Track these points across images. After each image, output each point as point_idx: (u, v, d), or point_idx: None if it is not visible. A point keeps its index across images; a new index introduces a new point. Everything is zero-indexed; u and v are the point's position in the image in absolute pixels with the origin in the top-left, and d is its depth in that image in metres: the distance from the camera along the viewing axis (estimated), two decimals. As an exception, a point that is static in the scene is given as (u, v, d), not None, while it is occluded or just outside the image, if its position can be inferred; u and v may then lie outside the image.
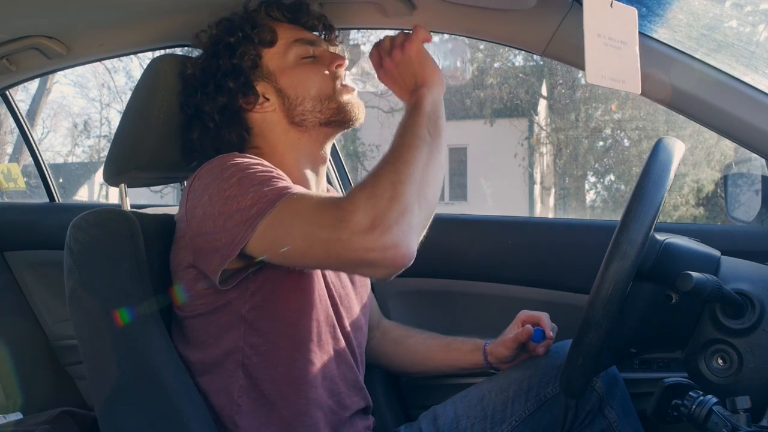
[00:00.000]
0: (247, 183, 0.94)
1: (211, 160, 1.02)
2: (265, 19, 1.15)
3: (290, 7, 1.16)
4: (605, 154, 11.87)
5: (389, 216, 0.84)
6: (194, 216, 0.99)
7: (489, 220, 1.68)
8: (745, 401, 0.87)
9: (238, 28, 1.13)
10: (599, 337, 0.88)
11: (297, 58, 1.13)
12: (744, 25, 1.92)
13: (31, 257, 2.10)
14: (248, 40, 1.12)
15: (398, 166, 0.89)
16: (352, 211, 0.85)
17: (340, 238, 0.85)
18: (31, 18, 1.42)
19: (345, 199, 0.88)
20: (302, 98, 1.11)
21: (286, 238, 0.91)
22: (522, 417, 1.18)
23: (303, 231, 0.89)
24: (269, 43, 1.12)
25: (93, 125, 12.99)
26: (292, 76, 1.12)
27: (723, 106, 1.12)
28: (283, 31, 1.14)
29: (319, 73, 1.12)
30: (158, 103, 1.12)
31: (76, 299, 1.07)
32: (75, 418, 1.74)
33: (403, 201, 0.85)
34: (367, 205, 0.84)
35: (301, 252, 0.90)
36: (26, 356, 2.05)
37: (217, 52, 1.13)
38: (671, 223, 2.13)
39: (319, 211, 0.89)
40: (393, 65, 1.03)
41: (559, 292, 1.56)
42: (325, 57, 1.15)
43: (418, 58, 1.02)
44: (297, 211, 0.91)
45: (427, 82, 1.01)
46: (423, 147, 0.93)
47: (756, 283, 0.93)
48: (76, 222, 1.09)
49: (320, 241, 0.87)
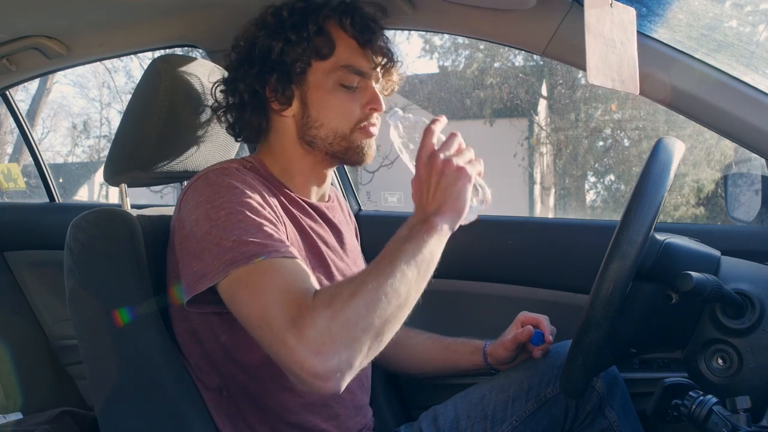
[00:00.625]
0: (233, 222, 0.94)
1: (208, 173, 1.01)
2: (333, 25, 1.10)
3: (364, 28, 1.11)
4: (605, 154, 11.86)
5: (338, 352, 0.81)
6: (183, 228, 0.99)
7: (489, 220, 1.67)
8: (745, 401, 0.88)
9: (304, 26, 1.08)
10: (599, 337, 0.88)
11: (337, 83, 1.09)
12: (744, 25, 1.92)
13: (31, 257, 2.10)
14: (307, 45, 1.07)
15: (371, 301, 0.84)
16: (308, 325, 0.83)
17: (285, 340, 0.83)
18: (31, 18, 1.43)
19: (310, 303, 0.85)
20: (320, 123, 1.09)
21: (247, 301, 0.90)
22: (522, 417, 1.18)
23: (263, 306, 0.88)
24: (322, 56, 1.08)
25: (93, 125, 12.99)
26: (322, 97, 1.09)
27: (723, 106, 1.12)
28: (341, 48, 1.09)
29: (348, 107, 1.09)
30: (159, 103, 1.12)
31: (76, 299, 1.07)
32: (75, 418, 1.74)
33: (359, 343, 0.83)
34: (324, 329, 0.82)
35: (253, 324, 0.90)
36: (26, 356, 2.05)
37: (275, 36, 1.08)
38: (671, 223, 2.13)
39: (285, 297, 0.87)
40: (438, 173, 0.93)
41: (559, 292, 1.56)
42: (364, 94, 1.11)
43: (461, 187, 0.93)
44: (268, 282, 0.89)
45: (446, 214, 0.92)
46: (405, 294, 0.88)
47: (756, 283, 0.93)
48: (76, 222, 1.09)
49: (270, 328, 0.86)
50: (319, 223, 1.15)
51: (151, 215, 1.15)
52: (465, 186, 0.93)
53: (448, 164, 0.93)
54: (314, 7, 1.11)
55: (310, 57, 1.08)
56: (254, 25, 1.11)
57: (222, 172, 1.01)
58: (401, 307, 0.88)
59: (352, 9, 1.12)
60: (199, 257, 0.94)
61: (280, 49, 1.07)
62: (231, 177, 1.00)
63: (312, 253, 1.09)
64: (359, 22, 1.11)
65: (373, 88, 1.12)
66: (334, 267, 1.13)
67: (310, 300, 0.86)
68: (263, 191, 1.02)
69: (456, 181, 0.93)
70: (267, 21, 1.10)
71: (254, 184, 1.02)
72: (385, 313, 0.85)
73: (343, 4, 1.12)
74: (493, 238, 1.63)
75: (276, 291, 0.88)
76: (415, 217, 0.94)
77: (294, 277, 0.91)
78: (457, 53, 12.32)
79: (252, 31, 1.11)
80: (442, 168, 0.93)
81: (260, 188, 1.02)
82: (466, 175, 0.93)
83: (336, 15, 1.10)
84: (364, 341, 0.83)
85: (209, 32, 1.47)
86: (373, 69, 1.13)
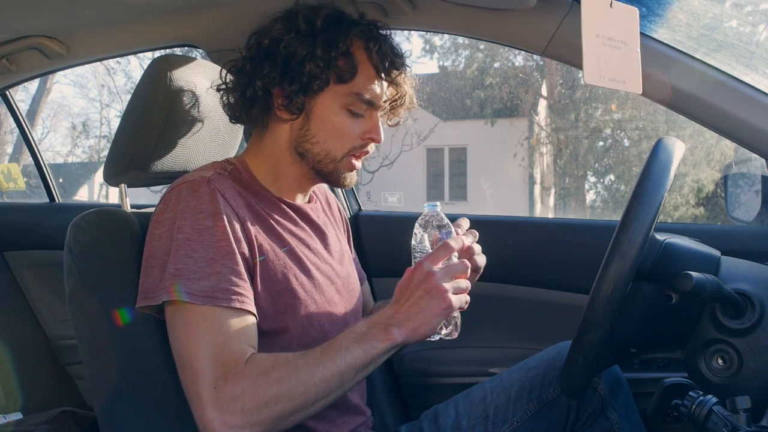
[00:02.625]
0: (193, 249, 0.96)
1: (181, 187, 1.02)
2: (358, 48, 1.08)
3: (388, 59, 1.09)
4: (605, 154, 11.86)
5: (243, 428, 0.87)
6: (150, 238, 1.01)
7: (489, 220, 1.68)
8: (745, 401, 0.87)
9: (334, 45, 1.05)
10: (599, 337, 0.88)
11: (345, 107, 1.08)
12: (744, 25, 1.92)
13: (31, 257, 2.10)
14: (330, 65, 1.05)
15: (295, 393, 0.89)
16: (227, 394, 0.88)
17: (202, 396, 0.89)
18: (31, 18, 1.43)
19: (238, 371, 0.89)
20: (317, 140, 1.08)
21: (181, 340, 0.94)
22: (524, 418, 1.18)
23: (194, 354, 0.91)
24: (342, 81, 1.07)
25: (93, 125, 13.00)
26: (327, 116, 1.08)
27: (723, 106, 1.12)
28: (361, 75, 1.07)
29: (349, 132, 1.08)
30: (159, 103, 1.11)
31: (76, 299, 1.07)
32: (75, 418, 1.74)
33: (266, 424, 0.88)
34: (239, 404, 0.87)
35: (181, 361, 0.93)
36: (26, 356, 2.05)
37: (302, 43, 1.05)
38: (671, 223, 2.13)
39: (217, 355, 0.90)
40: (425, 290, 0.93)
41: (559, 292, 1.56)
42: (366, 122, 1.10)
43: (436, 316, 0.93)
44: (206, 331, 0.92)
45: (409, 333, 0.93)
46: (335, 390, 0.92)
47: (756, 283, 0.93)
48: (76, 222, 1.09)
49: (194, 376, 0.90)
50: (300, 226, 1.14)
51: (151, 215, 1.15)
52: (440, 316, 0.93)
53: (438, 289, 0.93)
54: (347, 23, 1.09)
55: (330, 78, 1.06)
56: (283, 24, 1.08)
57: (193, 188, 1.01)
58: (320, 403, 0.92)
59: (383, 37, 1.11)
60: (150, 274, 0.98)
61: (303, 58, 1.05)
62: (200, 197, 0.99)
63: (291, 258, 1.08)
64: (385, 51, 1.10)
65: (377, 118, 1.11)
66: (316, 270, 1.12)
67: (240, 367, 0.90)
68: (231, 212, 1.01)
69: (435, 308, 0.93)
70: (298, 24, 1.07)
71: (219, 207, 0.99)
72: (302, 406, 0.90)
73: (375, 29, 1.11)
74: (493, 238, 1.63)
75: (210, 344, 0.91)
76: (382, 315, 0.95)
77: (233, 333, 0.93)
78: (457, 53, 12.34)
79: (279, 29, 1.07)
80: (430, 288, 0.93)
81: (229, 207, 1.01)
82: (449, 307, 0.93)
83: (364, 37, 1.08)
84: (272, 423, 0.89)
85: (209, 32, 1.47)
86: (384, 102, 1.12)
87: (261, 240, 1.04)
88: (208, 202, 0.99)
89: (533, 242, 1.61)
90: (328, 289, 1.13)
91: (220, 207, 0.99)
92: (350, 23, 1.09)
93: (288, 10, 1.10)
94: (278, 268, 1.04)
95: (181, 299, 0.93)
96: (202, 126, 1.20)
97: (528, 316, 1.60)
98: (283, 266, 1.05)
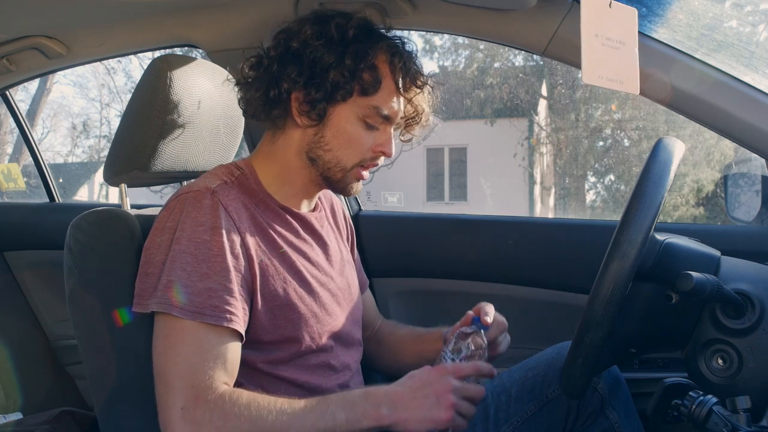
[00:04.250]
0: (188, 262, 0.96)
1: (187, 196, 1.02)
2: (382, 61, 1.07)
3: (410, 76, 1.09)
4: (605, 154, 11.86)
5: None
6: (150, 239, 1.02)
7: (489, 220, 1.68)
8: (745, 401, 0.87)
9: (363, 57, 1.05)
10: (599, 337, 0.88)
11: (361, 118, 1.08)
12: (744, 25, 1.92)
13: (31, 257, 2.10)
14: (356, 77, 1.05)
15: None
16: (193, 421, 0.89)
17: (169, 414, 0.91)
18: (31, 18, 1.43)
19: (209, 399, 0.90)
20: (330, 147, 1.08)
21: (159, 351, 0.95)
22: (524, 417, 1.18)
23: (169, 369, 0.93)
24: (365, 94, 1.06)
25: (93, 125, 13.00)
26: (343, 126, 1.07)
27: (723, 106, 1.12)
28: (382, 90, 1.07)
29: (362, 143, 1.09)
30: (159, 103, 1.11)
31: (76, 299, 1.07)
32: (75, 418, 1.74)
33: None
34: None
35: (156, 371, 0.94)
36: (26, 356, 2.05)
37: (331, 51, 1.05)
38: (671, 223, 2.14)
39: (191, 377, 0.91)
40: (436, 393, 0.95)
41: (559, 292, 1.56)
42: (380, 135, 1.10)
43: (432, 421, 0.94)
44: (185, 348, 0.93)
45: (397, 418, 0.94)
46: None
47: (756, 283, 0.93)
48: (76, 222, 1.09)
49: (165, 391, 0.92)
50: (302, 237, 1.13)
51: (151, 215, 1.15)
52: (433, 423, 0.94)
53: (446, 399, 0.94)
54: (376, 36, 1.09)
55: (354, 89, 1.06)
56: (313, 29, 1.06)
57: (197, 199, 1.01)
58: None
59: (408, 54, 1.11)
60: (144, 280, 0.99)
61: (329, 65, 1.04)
62: (202, 209, 0.99)
63: (291, 272, 1.08)
64: (408, 68, 1.10)
65: (390, 132, 1.12)
66: (316, 282, 1.11)
67: (212, 394, 0.91)
68: (232, 226, 1.01)
69: (434, 413, 0.94)
70: (330, 31, 1.05)
71: (219, 221, 0.99)
72: None
73: (401, 44, 1.10)
74: (493, 238, 1.63)
75: (186, 363, 0.92)
76: (380, 391, 0.97)
77: (211, 357, 0.94)
78: (457, 53, 12.35)
79: (309, 34, 1.06)
80: (440, 394, 0.95)
81: (231, 221, 1.01)
82: (447, 420, 0.94)
83: (390, 51, 1.08)
84: None
85: (209, 32, 1.47)
86: (401, 118, 1.13)
87: (261, 254, 1.03)
88: (209, 215, 0.99)
89: (533, 242, 1.61)
90: (329, 301, 1.13)
91: (221, 221, 0.99)
92: (379, 36, 1.09)
93: (317, 13, 1.10)
94: (278, 282, 1.04)
95: (170, 312, 0.94)
96: (201, 126, 1.20)
97: (528, 316, 1.60)
98: (283, 281, 1.05)
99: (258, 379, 1.05)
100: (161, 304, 0.95)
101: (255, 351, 1.03)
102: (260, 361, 1.04)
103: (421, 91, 1.13)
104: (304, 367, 1.08)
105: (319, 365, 1.10)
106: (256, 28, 1.41)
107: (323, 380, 1.10)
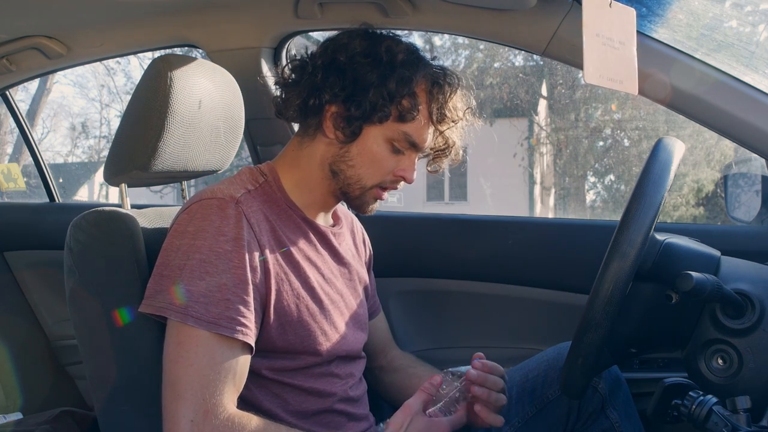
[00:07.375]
0: (207, 271, 0.95)
1: (210, 201, 1.01)
2: (421, 88, 1.08)
3: (445, 107, 1.10)
4: (605, 154, 11.86)
5: None
6: (168, 245, 1.00)
7: (489, 220, 1.68)
8: (745, 401, 0.87)
9: (407, 84, 1.05)
10: (599, 337, 0.88)
11: (389, 141, 1.08)
12: (744, 25, 1.92)
13: (31, 257, 2.10)
14: (396, 102, 1.05)
15: None
16: None
17: (178, 427, 0.90)
18: (31, 18, 1.43)
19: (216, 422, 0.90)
20: (353, 164, 1.08)
21: (172, 358, 0.94)
22: (524, 418, 1.18)
23: (180, 380, 0.92)
24: (401, 120, 1.06)
25: (93, 125, 13.00)
26: (371, 146, 1.07)
27: (723, 106, 1.12)
28: (418, 117, 1.07)
29: (385, 165, 1.09)
30: (159, 103, 1.11)
31: (76, 299, 1.07)
32: (75, 418, 1.74)
33: None
34: None
35: (165, 379, 0.94)
36: (26, 356, 2.05)
37: (375, 71, 1.05)
38: (671, 223, 2.13)
39: (201, 393, 0.91)
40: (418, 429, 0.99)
41: (559, 292, 1.56)
42: (404, 160, 1.10)
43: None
44: (198, 359, 0.92)
45: None
46: None
47: (756, 283, 0.93)
48: (76, 222, 1.09)
49: (174, 401, 0.91)
50: (320, 252, 1.13)
51: (151, 215, 1.15)
52: None
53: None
54: (422, 63, 1.09)
55: (391, 114, 1.06)
56: (362, 46, 1.07)
57: (221, 207, 1.00)
58: None
59: (449, 86, 1.10)
60: (159, 282, 0.98)
61: (370, 85, 1.04)
62: (226, 219, 0.99)
63: (305, 288, 1.07)
64: (446, 101, 1.09)
65: (414, 159, 1.12)
66: (329, 300, 1.11)
67: (222, 413, 0.91)
68: (253, 239, 1.00)
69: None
70: (379, 52, 1.06)
71: (242, 233, 0.98)
72: None
73: (443, 75, 1.09)
74: (493, 238, 1.63)
75: (198, 374, 0.91)
76: None
77: (224, 373, 0.93)
78: (457, 53, 12.33)
79: (357, 51, 1.06)
80: None
81: (252, 234, 1.00)
82: None
83: (430, 80, 1.08)
84: None
85: (209, 32, 1.47)
86: (430, 149, 1.13)
87: (278, 269, 1.03)
88: (233, 226, 0.98)
89: (533, 242, 1.61)
90: (338, 320, 1.13)
91: (243, 233, 0.99)
92: (424, 64, 1.09)
93: (367, 30, 1.10)
94: (291, 299, 1.04)
95: (184, 321, 0.93)
96: (202, 126, 1.20)
97: (528, 316, 1.60)
98: (296, 297, 1.05)
99: (263, 383, 1.05)
100: (178, 313, 0.94)
101: (261, 359, 1.03)
102: (265, 368, 1.04)
103: (455, 126, 1.13)
104: (308, 375, 1.08)
105: (323, 374, 1.10)
106: (256, 28, 1.41)
107: (328, 386, 1.10)
